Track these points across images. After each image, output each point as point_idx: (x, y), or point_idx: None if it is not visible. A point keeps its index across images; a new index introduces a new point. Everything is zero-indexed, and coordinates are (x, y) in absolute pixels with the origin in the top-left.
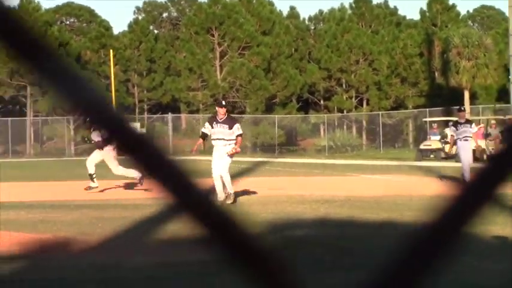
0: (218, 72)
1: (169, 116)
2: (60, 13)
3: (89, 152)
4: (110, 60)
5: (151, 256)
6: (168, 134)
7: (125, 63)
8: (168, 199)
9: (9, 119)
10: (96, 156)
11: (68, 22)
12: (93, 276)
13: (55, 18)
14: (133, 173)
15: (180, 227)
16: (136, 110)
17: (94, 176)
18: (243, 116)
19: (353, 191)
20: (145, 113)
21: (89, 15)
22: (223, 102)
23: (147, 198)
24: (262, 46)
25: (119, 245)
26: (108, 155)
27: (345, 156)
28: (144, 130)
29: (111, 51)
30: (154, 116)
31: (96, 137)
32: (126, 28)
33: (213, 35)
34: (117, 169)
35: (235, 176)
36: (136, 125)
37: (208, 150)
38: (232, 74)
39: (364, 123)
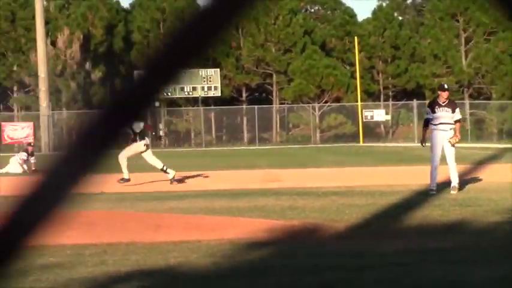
0: (463, 58)
1: (415, 102)
2: (305, 1)
3: (334, 140)
4: (354, 47)
5: (398, 243)
6: (413, 121)
7: (369, 50)
8: None
9: (256, 106)
10: (130, 150)
11: (312, 10)
12: (343, 263)
13: (300, 6)
14: (160, 165)
15: (426, 214)
16: (381, 97)
17: (125, 169)
18: (489, 102)
19: None
20: (390, 99)
21: (333, 2)
22: (446, 86)
23: (388, 185)
24: (508, 31)
25: (366, 232)
26: (141, 148)
27: None
28: (388, 117)
29: (355, 38)
30: (399, 103)
31: (137, 127)
32: (369, 15)
33: (457, 21)
34: (153, 160)
35: (480, 162)
36: (381, 112)
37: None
38: (478, 60)
39: None
